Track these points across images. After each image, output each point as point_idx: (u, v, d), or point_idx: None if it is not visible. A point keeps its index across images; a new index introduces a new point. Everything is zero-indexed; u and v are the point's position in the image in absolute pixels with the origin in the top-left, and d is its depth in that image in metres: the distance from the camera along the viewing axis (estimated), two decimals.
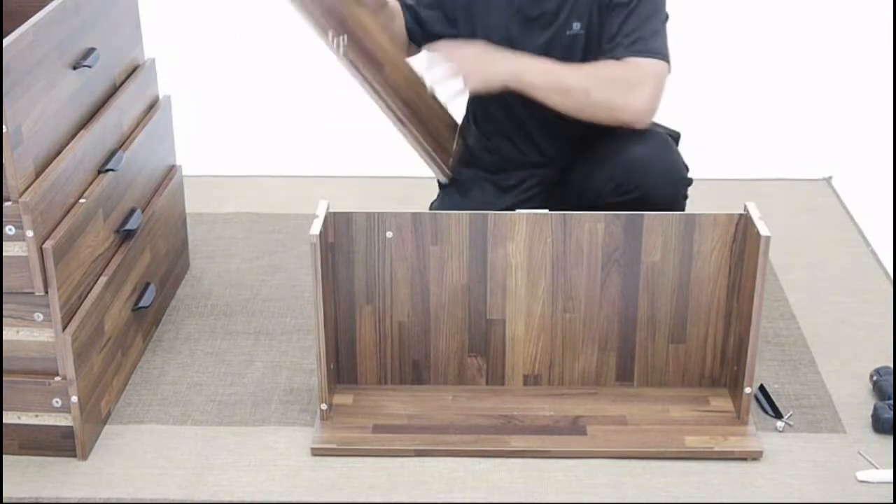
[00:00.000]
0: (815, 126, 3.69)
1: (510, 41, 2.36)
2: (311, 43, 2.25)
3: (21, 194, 2.00)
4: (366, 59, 2.29)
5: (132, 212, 2.41)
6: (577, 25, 2.33)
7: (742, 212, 2.19)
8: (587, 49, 2.36)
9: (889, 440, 2.21)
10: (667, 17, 2.32)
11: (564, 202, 2.41)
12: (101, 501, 2.08)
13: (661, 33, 2.29)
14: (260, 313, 2.64)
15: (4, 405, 2.13)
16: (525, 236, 2.20)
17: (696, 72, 3.57)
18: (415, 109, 2.42)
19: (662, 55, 2.28)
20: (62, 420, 2.14)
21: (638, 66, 2.26)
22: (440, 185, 2.59)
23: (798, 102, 3.88)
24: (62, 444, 2.15)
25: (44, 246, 2.02)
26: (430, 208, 2.53)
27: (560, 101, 2.27)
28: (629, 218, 2.19)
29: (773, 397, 2.32)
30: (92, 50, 2.26)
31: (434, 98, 2.48)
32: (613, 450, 2.17)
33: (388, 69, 2.37)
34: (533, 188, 2.52)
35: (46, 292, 2.05)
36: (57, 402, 2.12)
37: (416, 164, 2.56)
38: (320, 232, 2.12)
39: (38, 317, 2.07)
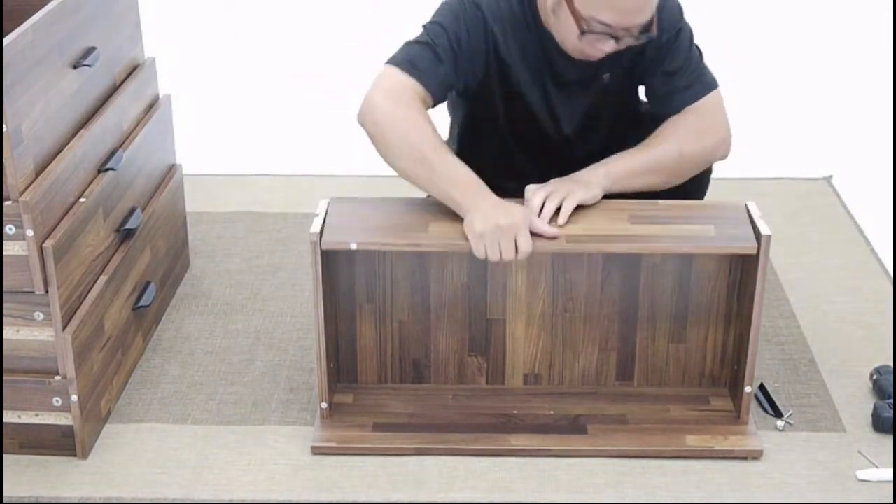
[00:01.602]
0: (815, 125, 3.69)
1: (550, 108, 2.32)
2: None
3: (21, 193, 2.00)
4: None
5: (132, 211, 2.40)
6: (606, 76, 2.31)
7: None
8: (619, 95, 2.35)
9: (889, 439, 2.21)
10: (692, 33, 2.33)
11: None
12: (101, 501, 2.08)
13: (704, 64, 2.31)
14: (260, 313, 2.64)
15: (4, 404, 2.13)
16: None
17: None
18: None
19: (715, 83, 2.30)
20: (62, 419, 2.13)
21: (705, 105, 2.28)
22: None
23: (798, 102, 3.88)
24: (62, 443, 2.15)
25: (44, 245, 2.02)
26: None
27: (659, 179, 2.23)
28: None
29: (773, 396, 2.32)
30: (92, 49, 2.26)
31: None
32: (613, 449, 2.17)
33: None
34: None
35: (46, 291, 2.05)
36: (57, 401, 2.12)
37: None
38: (320, 231, 2.12)
39: (39, 316, 2.07)
